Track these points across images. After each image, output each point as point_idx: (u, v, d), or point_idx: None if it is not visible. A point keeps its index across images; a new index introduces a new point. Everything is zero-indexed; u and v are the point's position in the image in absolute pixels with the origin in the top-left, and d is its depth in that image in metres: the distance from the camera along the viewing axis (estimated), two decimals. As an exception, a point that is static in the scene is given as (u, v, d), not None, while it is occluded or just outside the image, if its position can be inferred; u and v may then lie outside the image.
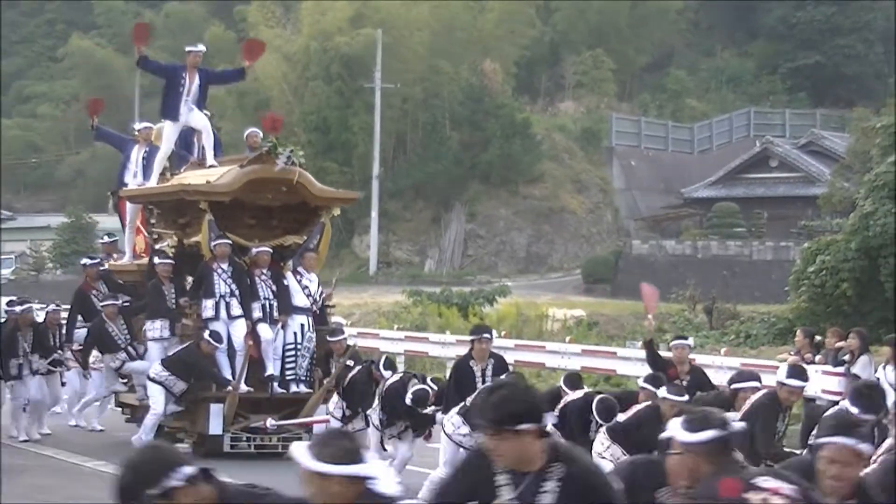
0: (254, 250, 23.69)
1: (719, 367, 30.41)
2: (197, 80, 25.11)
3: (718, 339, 45.89)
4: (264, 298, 23.57)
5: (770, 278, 57.23)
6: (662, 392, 16.39)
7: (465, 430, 17.97)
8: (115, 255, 26.99)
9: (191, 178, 24.07)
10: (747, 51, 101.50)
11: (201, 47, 26.29)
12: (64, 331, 26.36)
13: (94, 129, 29.17)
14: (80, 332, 25.95)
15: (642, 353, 30.36)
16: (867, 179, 44.82)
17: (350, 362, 22.11)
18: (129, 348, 23.90)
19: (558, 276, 78.00)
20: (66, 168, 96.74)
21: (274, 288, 23.71)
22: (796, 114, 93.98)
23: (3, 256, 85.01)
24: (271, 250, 23.83)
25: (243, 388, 23.56)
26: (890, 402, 23.58)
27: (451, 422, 18.53)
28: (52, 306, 28.23)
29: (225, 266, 23.11)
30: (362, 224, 76.58)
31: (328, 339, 23.61)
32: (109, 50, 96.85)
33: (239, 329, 23.36)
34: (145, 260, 25.80)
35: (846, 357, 24.07)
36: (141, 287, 25.28)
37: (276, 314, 23.71)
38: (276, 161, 23.51)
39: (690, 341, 21.45)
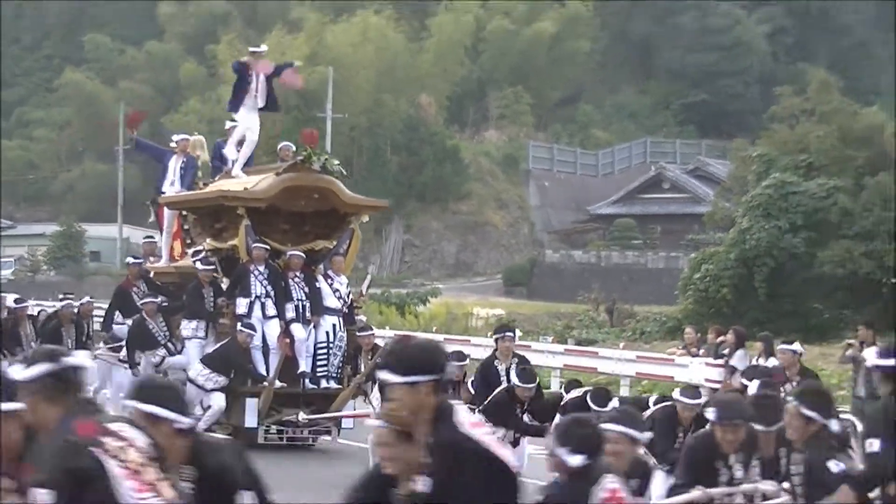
0: (288, 254, 22.21)
1: (619, 359, 30.66)
2: (262, 77, 23.55)
3: (618, 335, 46.02)
4: (297, 300, 22.13)
5: (662, 283, 57.37)
6: (676, 394, 14.74)
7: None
8: (151, 258, 25.11)
9: (229, 185, 22.66)
10: (645, 89, 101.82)
11: (264, 47, 25.28)
12: (100, 323, 25.22)
13: (132, 140, 28.07)
14: (119, 328, 24.28)
15: (552, 346, 30.53)
16: (744, 200, 45.10)
17: (379, 359, 19.07)
18: (168, 345, 22.43)
19: (482, 280, 78.10)
20: (59, 183, 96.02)
21: (307, 290, 22.21)
22: (685, 143, 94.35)
23: (3, 259, 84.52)
24: (304, 254, 22.37)
25: (277, 383, 22.41)
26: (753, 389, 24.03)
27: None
28: (86, 298, 26.92)
29: (261, 268, 21.74)
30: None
31: (357, 334, 22.38)
32: (97, 82, 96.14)
33: (273, 328, 22.01)
34: (181, 262, 24.30)
35: (725, 351, 24.29)
36: (177, 288, 23.72)
37: (308, 314, 22.18)
38: (311, 168, 22.05)
39: (797, 346, 19.31)
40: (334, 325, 22.38)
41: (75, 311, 25.30)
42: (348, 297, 23.29)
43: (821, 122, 49.35)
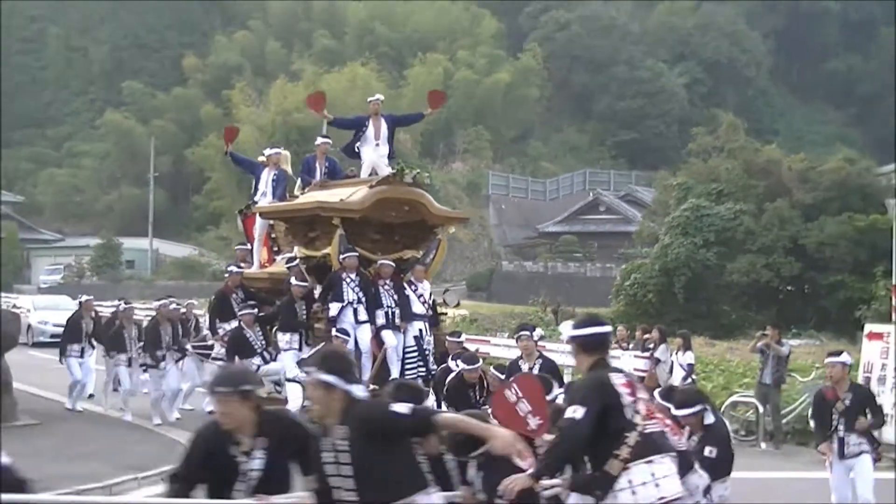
0: (379, 262, 20.22)
1: (561, 352, 30.59)
2: (382, 124, 22.04)
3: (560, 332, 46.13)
4: (387, 306, 20.02)
5: (598, 290, 57.29)
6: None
7: None
8: (242, 264, 22.88)
9: (324, 196, 20.56)
10: (584, 129, 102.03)
11: (379, 96, 23.26)
12: (207, 325, 22.98)
13: (228, 154, 25.47)
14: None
15: (508, 341, 30.46)
16: (666, 221, 45.27)
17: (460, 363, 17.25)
18: (264, 353, 20.57)
19: (450, 285, 78.17)
20: (100, 204, 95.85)
21: (395, 297, 20.09)
22: (618, 174, 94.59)
23: (55, 266, 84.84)
24: (393, 263, 20.32)
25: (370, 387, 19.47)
26: (678, 378, 24.05)
27: None
28: (187, 302, 25.83)
29: (353, 276, 19.72)
30: None
31: (449, 339, 19.83)
32: (133, 121, 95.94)
33: (365, 333, 19.91)
34: (274, 269, 22.16)
35: (650, 345, 24.39)
36: (267, 293, 21.72)
37: (397, 321, 20.08)
38: (403, 181, 20.26)
39: (845, 357, 14.24)
40: (421, 330, 20.32)
41: (182, 312, 24.16)
42: (433, 302, 21.28)
43: (729, 156, 49.66)
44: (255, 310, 20.80)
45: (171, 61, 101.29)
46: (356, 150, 22.11)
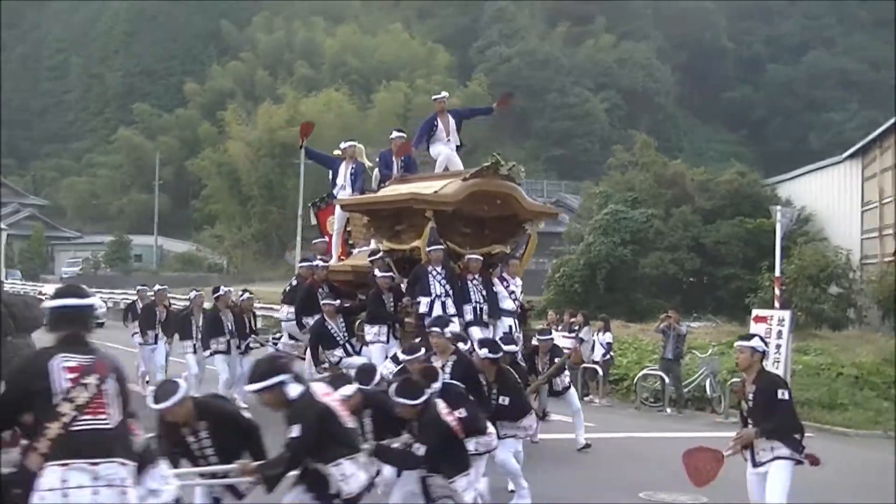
0: (467, 257, 16.67)
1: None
2: (449, 119, 18.89)
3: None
4: (475, 302, 16.37)
5: (534, 280, 57.49)
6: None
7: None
8: (321, 257, 19.47)
9: (416, 188, 17.26)
10: (523, 145, 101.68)
11: (444, 94, 19.91)
12: (294, 319, 19.06)
13: (302, 148, 22.08)
14: (288, 325, 19.60)
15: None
16: (590, 223, 45.35)
17: (557, 360, 16.71)
18: (347, 345, 17.56)
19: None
20: (113, 207, 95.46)
21: (484, 293, 16.42)
22: (550, 183, 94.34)
23: (74, 259, 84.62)
24: (482, 257, 16.78)
25: None
26: (598, 355, 24.28)
27: None
28: (246, 294, 21.99)
29: (439, 269, 16.19)
30: (292, 243, 75.53)
31: (538, 338, 17.15)
32: (141, 137, 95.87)
33: (454, 328, 14.85)
34: (352, 262, 18.89)
35: (576, 327, 24.56)
36: (349, 286, 18.57)
37: (485, 317, 16.41)
38: (498, 174, 17.06)
39: (756, 342, 10.77)
40: (510, 327, 16.43)
41: (236, 302, 21.23)
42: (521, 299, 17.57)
43: (642, 169, 49.82)
44: (337, 301, 18.07)
45: (175, 87, 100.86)
46: (427, 148, 18.95)
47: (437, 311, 15.72)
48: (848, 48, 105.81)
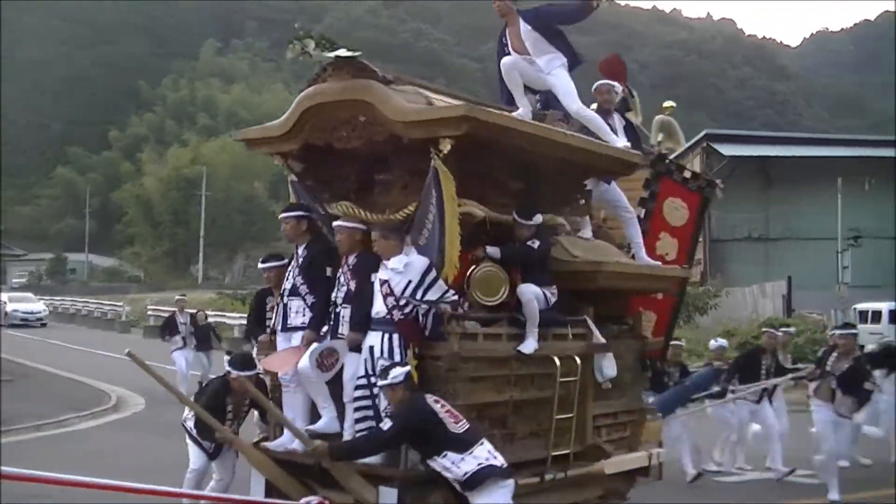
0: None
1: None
2: (521, 27, 7.80)
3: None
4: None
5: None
6: None
7: None
8: None
9: None
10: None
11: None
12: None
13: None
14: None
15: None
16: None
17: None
18: None
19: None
20: (52, 230, 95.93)
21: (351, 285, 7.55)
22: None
23: (23, 272, 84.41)
24: (361, 227, 7.04)
25: None
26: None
27: None
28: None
29: (300, 250, 7.33)
30: (196, 258, 76.53)
31: (837, 332, 11.62)
32: (75, 174, 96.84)
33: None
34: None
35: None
36: None
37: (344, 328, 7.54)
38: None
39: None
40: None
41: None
42: None
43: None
44: None
45: (101, 134, 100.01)
46: None
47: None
48: None
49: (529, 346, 6.98)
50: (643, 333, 8.63)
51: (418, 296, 6.32)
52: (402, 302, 6.38)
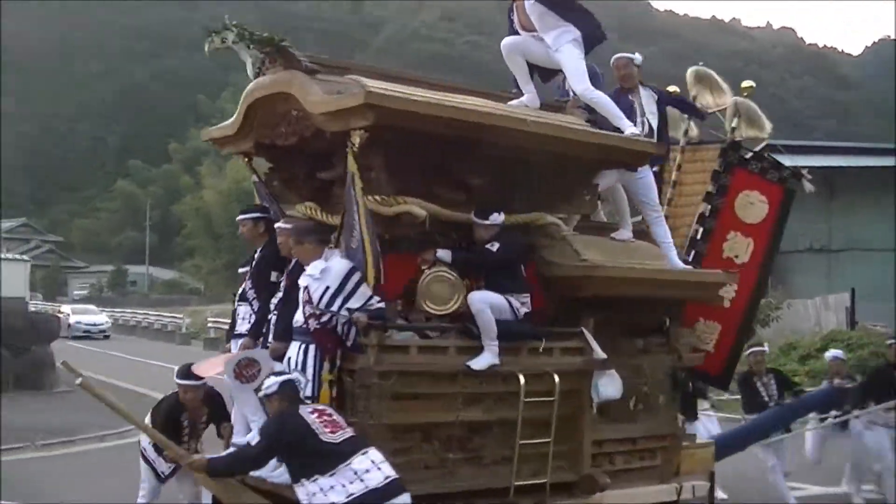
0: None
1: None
2: (526, 3, 7.26)
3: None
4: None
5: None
6: None
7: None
8: None
9: None
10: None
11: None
12: None
13: None
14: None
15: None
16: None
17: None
18: None
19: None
20: (113, 243, 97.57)
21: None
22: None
23: (84, 284, 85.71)
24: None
25: None
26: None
27: None
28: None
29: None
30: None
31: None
32: (135, 187, 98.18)
33: None
34: None
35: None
36: None
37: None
38: None
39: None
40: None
41: None
42: None
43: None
44: None
45: (162, 147, 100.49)
46: None
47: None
48: None
49: (483, 361, 6.18)
50: (699, 346, 7.85)
51: (337, 303, 5.80)
52: (319, 311, 5.87)
